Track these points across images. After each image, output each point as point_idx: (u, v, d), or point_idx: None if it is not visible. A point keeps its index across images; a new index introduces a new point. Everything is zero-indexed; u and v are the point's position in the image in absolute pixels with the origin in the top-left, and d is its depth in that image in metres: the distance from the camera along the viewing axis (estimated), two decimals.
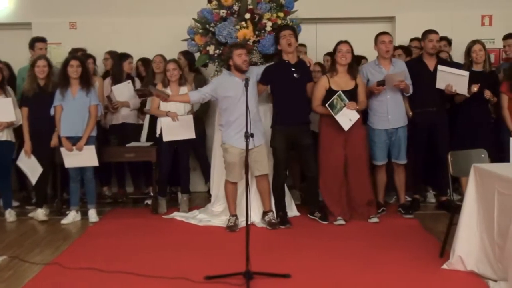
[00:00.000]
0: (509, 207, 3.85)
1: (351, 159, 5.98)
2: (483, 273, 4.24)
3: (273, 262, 4.69)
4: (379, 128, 6.20)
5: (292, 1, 6.24)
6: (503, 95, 6.19)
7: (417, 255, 4.86)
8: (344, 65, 5.93)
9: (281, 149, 5.91)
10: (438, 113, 6.29)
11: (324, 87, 5.93)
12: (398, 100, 6.21)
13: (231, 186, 5.88)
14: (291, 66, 5.91)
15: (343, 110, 5.73)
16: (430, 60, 6.32)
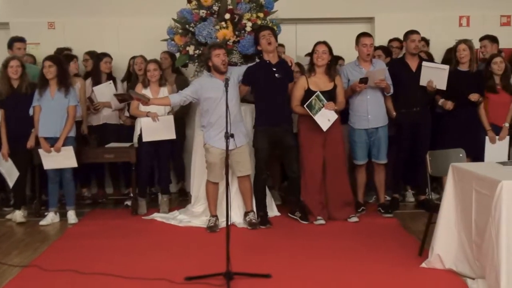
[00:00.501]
0: (486, 206, 3.89)
1: (329, 159, 6.00)
2: (461, 271, 4.29)
3: (254, 262, 4.70)
4: (359, 128, 6.23)
5: (272, 1, 6.25)
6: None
7: (396, 254, 4.90)
8: (320, 66, 5.94)
9: (263, 149, 5.92)
10: (421, 113, 6.34)
11: (303, 87, 5.95)
12: (379, 100, 6.24)
13: (212, 186, 5.87)
14: (272, 66, 5.91)
15: (322, 111, 5.75)
16: (412, 61, 6.37)
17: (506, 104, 6.24)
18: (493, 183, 3.85)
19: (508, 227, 3.74)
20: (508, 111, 6.24)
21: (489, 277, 3.88)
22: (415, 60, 6.37)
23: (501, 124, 6.22)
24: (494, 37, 6.97)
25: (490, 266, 3.85)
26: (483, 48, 6.90)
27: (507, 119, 6.24)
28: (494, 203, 3.79)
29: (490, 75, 6.22)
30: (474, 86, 6.21)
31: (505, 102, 6.23)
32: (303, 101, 5.87)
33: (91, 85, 6.95)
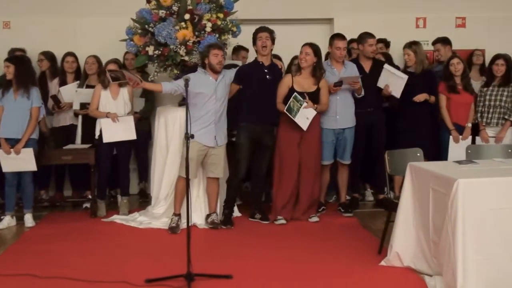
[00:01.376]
0: (443, 204, 3.97)
1: (305, 159, 6.05)
2: (419, 269, 4.37)
3: (215, 263, 4.69)
4: (327, 128, 6.27)
5: (232, 2, 6.25)
6: (441, 95, 6.38)
7: (356, 252, 4.96)
8: (304, 67, 5.98)
9: (245, 146, 5.95)
10: (375, 113, 6.44)
11: (287, 86, 6.00)
12: (348, 101, 6.30)
13: (182, 183, 5.77)
14: (264, 68, 5.99)
15: (300, 111, 5.80)
16: (366, 62, 6.47)
17: (468, 104, 6.36)
18: (449, 181, 3.93)
19: (464, 224, 3.83)
20: (470, 111, 6.37)
21: (446, 274, 3.96)
22: (369, 61, 6.47)
23: (464, 124, 6.35)
24: (445, 39, 7.11)
25: (447, 263, 3.93)
26: (437, 52, 7.03)
27: (469, 119, 6.37)
28: (451, 201, 3.88)
29: (450, 76, 6.34)
30: (421, 86, 6.35)
31: (467, 102, 6.36)
32: (286, 100, 5.91)
33: (57, 84, 6.83)
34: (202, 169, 5.96)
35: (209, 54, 5.72)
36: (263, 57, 6.02)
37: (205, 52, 5.78)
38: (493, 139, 6.25)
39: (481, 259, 3.86)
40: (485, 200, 3.89)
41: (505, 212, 3.89)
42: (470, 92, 6.36)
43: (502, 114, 6.23)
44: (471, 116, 6.38)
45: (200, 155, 5.72)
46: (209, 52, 5.72)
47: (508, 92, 6.20)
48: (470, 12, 7.92)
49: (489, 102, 6.26)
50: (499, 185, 3.96)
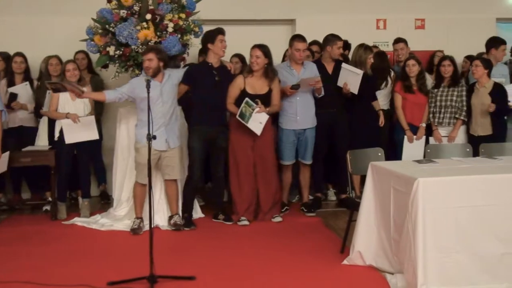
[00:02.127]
0: (404, 203, 4.02)
1: (259, 160, 6.05)
2: (381, 267, 4.42)
3: (178, 264, 4.67)
4: (287, 128, 6.30)
5: (194, 2, 6.23)
6: (397, 94, 6.48)
7: (319, 252, 4.99)
8: (256, 70, 5.97)
9: (198, 149, 5.92)
10: (338, 113, 6.49)
11: (239, 88, 5.98)
12: (308, 102, 6.33)
13: (140, 188, 5.78)
14: (213, 69, 5.93)
15: (253, 116, 5.79)
16: (330, 64, 6.52)
17: (422, 104, 6.47)
18: (409, 180, 3.99)
19: (424, 223, 3.89)
20: (424, 112, 6.48)
21: (407, 271, 4.02)
22: (332, 63, 6.53)
23: (418, 124, 6.45)
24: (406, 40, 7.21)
25: (407, 261, 3.99)
26: (399, 50, 7.12)
27: (423, 119, 6.47)
28: (411, 200, 3.93)
29: (406, 77, 6.44)
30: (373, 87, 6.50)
31: (421, 102, 6.46)
32: (238, 102, 5.90)
33: (5, 85, 6.69)
34: (159, 172, 5.91)
35: (143, 59, 5.66)
36: (214, 58, 5.94)
37: (141, 57, 5.72)
38: (446, 138, 6.37)
39: (441, 257, 3.93)
40: (444, 198, 3.96)
41: (464, 210, 3.96)
42: (425, 93, 6.47)
43: (453, 113, 6.35)
44: (425, 116, 6.49)
45: (153, 159, 5.59)
46: (143, 57, 5.67)
47: (457, 92, 6.33)
48: (429, 13, 8.07)
49: (440, 102, 6.38)
50: (458, 184, 4.03)
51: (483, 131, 6.24)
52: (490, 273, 3.98)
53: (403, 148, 6.43)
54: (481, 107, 6.23)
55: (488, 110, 6.12)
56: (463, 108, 6.31)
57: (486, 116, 6.23)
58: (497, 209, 4.00)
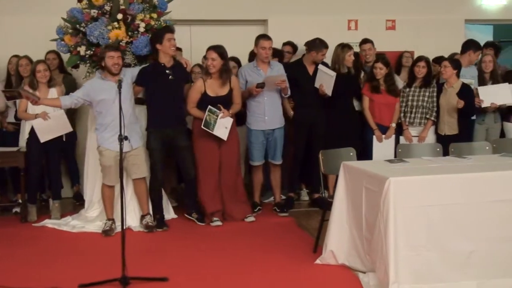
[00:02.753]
0: (376, 202, 4.06)
1: (225, 160, 6.04)
2: (353, 266, 4.45)
3: (150, 265, 4.65)
4: (256, 129, 6.31)
5: (166, 2, 6.20)
6: (364, 96, 6.53)
7: (291, 251, 5.00)
8: (213, 72, 5.94)
9: (157, 150, 5.86)
10: (316, 113, 6.52)
11: (199, 91, 5.95)
12: (275, 102, 6.35)
13: (107, 189, 5.75)
14: (166, 69, 5.87)
15: (218, 122, 5.79)
16: (311, 65, 6.55)
17: (391, 105, 6.53)
18: (381, 180, 4.02)
19: (396, 222, 3.93)
20: (394, 112, 6.54)
21: (379, 270, 4.05)
22: (313, 63, 6.55)
23: (387, 124, 6.51)
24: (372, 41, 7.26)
25: (379, 259, 4.02)
26: (367, 50, 7.16)
27: (393, 120, 6.54)
28: (383, 199, 3.96)
29: (374, 78, 6.49)
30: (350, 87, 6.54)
31: (390, 103, 6.52)
32: (199, 105, 5.89)
33: None
34: (126, 172, 5.87)
35: (104, 57, 5.58)
36: (165, 58, 5.88)
37: (101, 54, 5.65)
38: (416, 138, 6.44)
39: (412, 255, 3.97)
40: (415, 197, 4.00)
41: (434, 209, 4.01)
42: (394, 94, 6.53)
43: (424, 114, 6.42)
44: (396, 116, 6.55)
45: (117, 160, 5.52)
46: (104, 54, 5.59)
47: (429, 93, 6.41)
48: (399, 14, 8.15)
49: (411, 102, 6.45)
50: (428, 183, 4.08)
51: (450, 130, 6.33)
52: (459, 271, 4.04)
53: (373, 148, 6.49)
54: (448, 107, 6.31)
55: (457, 106, 6.20)
56: (433, 108, 6.38)
57: (453, 116, 6.32)
58: (467, 208, 4.06)
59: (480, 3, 8.43)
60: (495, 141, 6.01)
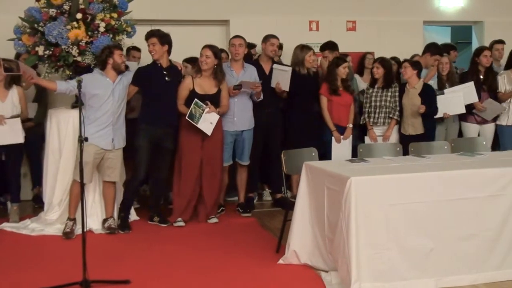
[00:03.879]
0: (337, 202, 4.09)
1: (207, 161, 6.03)
2: (315, 265, 4.48)
3: (112, 268, 4.60)
4: (225, 130, 6.30)
5: (126, 2, 6.14)
6: (322, 96, 6.58)
7: (254, 252, 5.01)
8: (205, 69, 5.95)
9: (144, 148, 5.84)
10: (273, 114, 6.55)
11: (188, 88, 5.95)
12: (245, 104, 6.35)
13: (77, 187, 5.58)
14: (163, 70, 5.88)
15: (203, 116, 5.78)
16: (266, 64, 6.58)
17: (348, 105, 6.60)
18: (342, 179, 4.06)
19: (357, 221, 3.97)
20: (350, 112, 6.61)
21: (341, 269, 4.09)
22: (269, 63, 6.58)
23: (345, 125, 6.58)
24: (333, 45, 7.29)
25: (341, 258, 4.06)
26: (325, 58, 7.18)
27: (350, 120, 6.61)
28: (344, 198, 4.00)
29: (332, 78, 6.54)
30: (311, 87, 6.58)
31: (347, 103, 6.59)
32: (188, 102, 5.88)
33: None
34: (98, 172, 5.81)
35: (113, 55, 5.64)
36: (161, 60, 5.90)
37: (107, 52, 5.67)
38: (381, 137, 6.53)
39: (373, 254, 4.02)
40: (376, 196, 4.05)
41: (394, 207, 4.07)
42: (351, 93, 6.61)
43: (388, 113, 6.51)
44: (351, 117, 6.63)
45: (96, 158, 5.60)
46: (113, 52, 5.64)
47: (391, 93, 6.50)
48: (360, 16, 8.25)
49: (374, 103, 6.53)
50: (389, 182, 4.13)
51: (414, 130, 6.42)
52: (419, 269, 4.11)
53: (332, 148, 6.54)
54: (411, 107, 6.40)
55: (419, 111, 6.31)
56: (396, 108, 6.47)
57: (417, 116, 6.41)
58: (426, 206, 4.13)
59: (438, 5, 8.61)
60: (454, 140, 6.14)
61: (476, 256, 4.23)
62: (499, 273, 4.25)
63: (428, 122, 6.46)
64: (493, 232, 4.25)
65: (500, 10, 8.68)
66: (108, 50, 5.68)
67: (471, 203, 4.21)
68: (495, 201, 4.25)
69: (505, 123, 6.86)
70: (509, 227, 4.28)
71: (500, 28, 8.56)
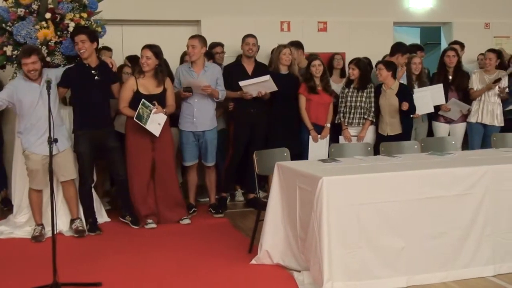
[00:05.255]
0: (309, 201, 4.11)
1: (159, 162, 5.99)
2: (288, 265, 4.49)
3: (83, 271, 4.55)
4: (185, 130, 6.28)
5: (96, 1, 6.08)
6: (301, 95, 6.61)
7: (227, 252, 5.01)
8: (147, 71, 5.90)
9: (86, 154, 5.74)
10: (257, 114, 6.54)
11: (131, 89, 5.88)
12: (206, 104, 6.31)
13: (35, 194, 5.58)
14: (91, 69, 5.75)
15: (151, 117, 5.73)
16: (249, 64, 6.58)
17: (327, 104, 6.64)
18: (314, 179, 4.08)
19: (329, 220, 3.99)
20: (328, 112, 6.65)
21: (313, 268, 4.11)
22: (251, 63, 6.59)
23: (323, 124, 6.62)
24: (298, 43, 7.31)
25: (313, 258, 4.08)
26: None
27: (328, 120, 6.64)
28: (316, 198, 4.02)
29: (310, 77, 6.58)
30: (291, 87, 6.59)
31: (326, 102, 6.63)
32: (132, 104, 5.80)
33: None
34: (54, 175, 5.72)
35: (21, 62, 5.39)
36: (88, 58, 5.74)
37: (19, 58, 5.44)
38: (355, 138, 6.58)
39: (345, 253, 4.05)
40: (348, 196, 4.07)
41: (366, 207, 4.10)
42: (329, 93, 6.65)
43: (363, 114, 6.56)
44: (330, 116, 6.66)
45: (44, 164, 5.35)
46: (20, 60, 5.40)
47: (366, 94, 6.55)
48: (331, 16, 8.30)
49: (350, 103, 6.58)
50: (360, 182, 4.16)
51: (393, 130, 6.48)
52: (391, 267, 4.15)
53: (309, 148, 6.57)
54: (389, 108, 6.46)
55: (402, 109, 6.35)
56: (371, 109, 6.52)
57: (395, 116, 6.47)
58: (397, 205, 4.17)
59: (408, 6, 8.71)
60: (423, 140, 6.21)
61: (446, 254, 4.28)
62: (468, 270, 4.31)
63: (406, 122, 6.53)
64: (462, 231, 4.32)
65: (468, 11, 8.82)
66: (19, 58, 5.43)
67: (440, 202, 4.26)
68: (464, 199, 4.32)
69: (475, 120, 6.97)
70: (478, 226, 4.35)
71: (468, 29, 8.72)
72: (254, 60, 6.62)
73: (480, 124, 6.96)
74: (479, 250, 4.35)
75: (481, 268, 4.35)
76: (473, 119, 6.98)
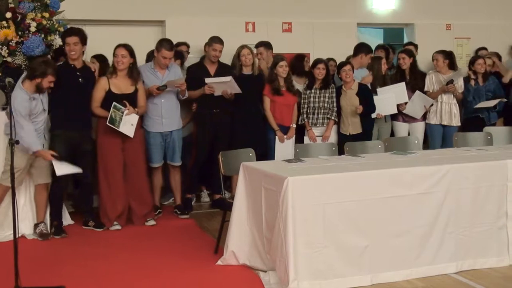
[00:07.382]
0: (275, 202, 4.12)
1: (129, 163, 5.95)
2: (254, 265, 4.50)
3: (46, 274, 4.49)
4: (153, 131, 6.24)
5: (58, 1, 6.01)
6: (265, 97, 6.63)
7: (192, 253, 5.00)
8: (121, 69, 5.86)
9: (61, 154, 5.65)
10: (221, 114, 6.53)
11: (103, 89, 5.84)
12: (173, 104, 6.31)
13: (5, 190, 5.43)
14: (76, 71, 5.74)
15: (123, 119, 5.69)
16: (211, 65, 6.56)
17: (291, 105, 6.67)
18: (279, 179, 4.09)
19: (294, 220, 4.01)
20: (293, 112, 6.68)
21: (279, 268, 4.12)
22: (214, 64, 6.57)
23: (288, 125, 6.65)
24: (268, 43, 7.34)
25: (279, 258, 4.09)
26: (260, 55, 7.22)
27: (293, 120, 6.68)
28: (281, 198, 4.04)
29: (274, 78, 6.60)
30: (255, 88, 6.61)
31: (290, 103, 6.66)
32: (104, 104, 5.77)
33: None
34: (28, 176, 5.64)
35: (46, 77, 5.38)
36: (74, 60, 5.76)
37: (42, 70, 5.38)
38: (320, 138, 6.63)
39: (310, 252, 4.07)
40: (312, 196, 4.10)
41: (330, 206, 4.13)
42: (293, 93, 6.69)
43: (326, 114, 6.62)
44: (294, 117, 6.70)
45: (27, 164, 5.42)
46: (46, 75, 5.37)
47: (329, 94, 6.61)
48: (295, 17, 8.35)
49: (313, 104, 6.63)
50: (324, 181, 4.19)
51: (355, 130, 6.57)
52: (355, 266, 4.19)
53: (275, 148, 6.60)
54: (350, 107, 6.54)
55: (357, 113, 6.45)
56: (333, 109, 6.59)
57: (356, 116, 6.56)
58: (360, 204, 4.21)
59: (371, 8, 8.81)
60: (387, 139, 6.29)
61: (409, 252, 4.34)
62: (431, 268, 4.38)
63: (367, 122, 6.61)
64: (425, 229, 4.38)
65: (430, 13, 8.96)
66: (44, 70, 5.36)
67: (403, 200, 4.32)
68: (426, 198, 4.38)
69: (434, 121, 7.09)
70: (440, 224, 4.42)
71: (430, 30, 8.88)
72: (217, 61, 6.62)
73: (440, 125, 7.08)
74: (442, 248, 4.42)
75: (444, 265, 4.42)
76: (433, 121, 7.10)
